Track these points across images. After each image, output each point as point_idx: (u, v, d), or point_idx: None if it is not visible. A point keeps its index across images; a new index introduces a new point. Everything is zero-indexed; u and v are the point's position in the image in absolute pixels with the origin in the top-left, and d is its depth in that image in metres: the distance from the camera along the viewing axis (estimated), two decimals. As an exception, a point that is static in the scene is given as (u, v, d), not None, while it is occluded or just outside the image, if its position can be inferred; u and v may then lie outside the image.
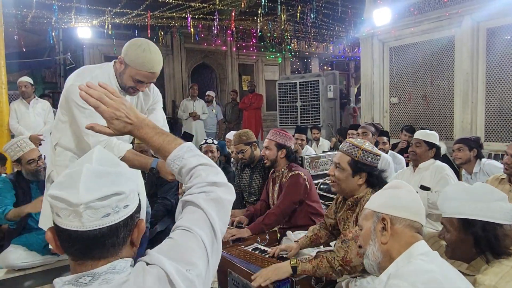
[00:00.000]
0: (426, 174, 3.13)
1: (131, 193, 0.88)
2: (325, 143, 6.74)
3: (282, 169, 2.95)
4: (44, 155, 3.52)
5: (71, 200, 0.80)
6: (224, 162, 4.18)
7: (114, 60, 2.07)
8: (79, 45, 9.51)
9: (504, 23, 5.27)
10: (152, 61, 1.93)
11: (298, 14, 7.26)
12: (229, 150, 4.65)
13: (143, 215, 1.00)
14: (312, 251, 2.43)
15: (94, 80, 1.77)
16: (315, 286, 2.00)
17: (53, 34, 8.21)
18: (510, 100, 5.34)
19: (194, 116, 7.56)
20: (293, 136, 4.85)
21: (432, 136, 3.22)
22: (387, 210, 1.31)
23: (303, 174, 2.83)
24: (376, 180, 2.02)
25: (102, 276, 0.84)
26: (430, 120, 6.24)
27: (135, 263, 0.91)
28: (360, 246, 1.46)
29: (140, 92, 2.12)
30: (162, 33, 8.90)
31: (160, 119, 2.27)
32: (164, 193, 3.52)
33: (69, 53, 9.16)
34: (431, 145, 3.17)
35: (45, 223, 2.19)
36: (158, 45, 2.54)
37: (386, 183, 2.08)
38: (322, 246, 2.49)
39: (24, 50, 8.65)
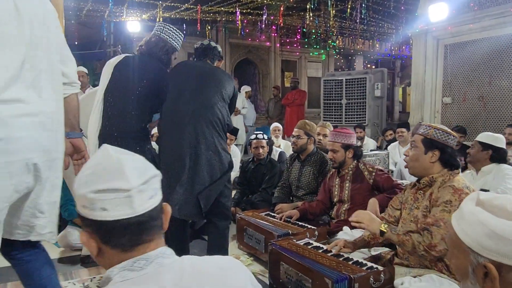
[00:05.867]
0: (489, 177, 2.95)
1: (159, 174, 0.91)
2: (370, 142, 6.55)
3: (351, 166, 2.93)
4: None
5: (124, 187, 0.82)
6: (270, 157, 4.15)
7: None
8: (129, 39, 9.82)
9: None
10: None
11: (348, 10, 7.09)
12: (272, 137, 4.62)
13: None
14: (368, 251, 2.35)
15: None
16: (373, 285, 1.93)
17: (105, 27, 8.54)
18: None
19: (235, 111, 7.59)
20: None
21: (490, 137, 3.00)
22: (492, 256, 0.91)
23: None
24: (450, 158, 2.01)
25: (155, 260, 0.86)
26: (486, 122, 5.90)
27: None
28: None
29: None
30: (209, 27, 9.01)
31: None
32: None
33: (119, 46, 9.49)
34: (486, 146, 2.96)
35: None
36: (204, 40, 2.63)
37: (458, 163, 2.03)
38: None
39: (76, 43, 9.05)
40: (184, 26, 8.71)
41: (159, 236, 0.89)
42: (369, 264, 2.08)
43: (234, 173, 4.99)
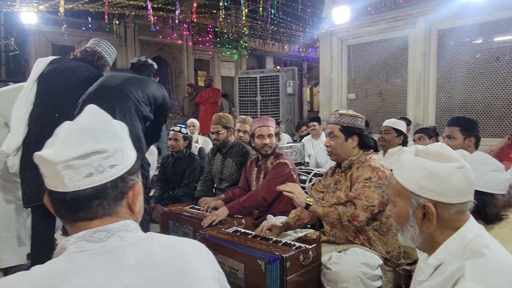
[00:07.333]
0: (394, 159, 3.30)
1: (117, 152, 0.81)
2: (285, 137, 6.81)
3: (271, 158, 2.92)
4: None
5: (49, 159, 0.75)
6: (189, 151, 4.06)
7: None
8: (23, 31, 8.84)
9: (454, 25, 5.66)
10: None
11: (260, 8, 7.28)
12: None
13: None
14: (294, 233, 2.44)
15: None
16: (303, 263, 2.00)
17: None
18: (458, 98, 5.74)
19: None
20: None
21: (400, 124, 3.39)
22: (430, 195, 1.04)
23: (289, 164, 2.83)
24: (366, 140, 2.21)
25: (117, 233, 0.80)
26: (385, 115, 6.51)
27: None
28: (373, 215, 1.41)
29: None
30: (117, 22, 8.52)
31: None
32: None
33: (12, 39, 8.47)
34: (399, 132, 3.33)
35: None
36: (111, 36, 2.75)
37: (372, 143, 2.23)
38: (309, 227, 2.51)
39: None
40: (89, 19, 8.13)
41: (108, 214, 0.81)
42: (298, 244, 2.15)
43: (152, 172, 4.80)
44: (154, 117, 2.62)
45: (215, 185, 3.51)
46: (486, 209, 1.41)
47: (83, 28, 8.77)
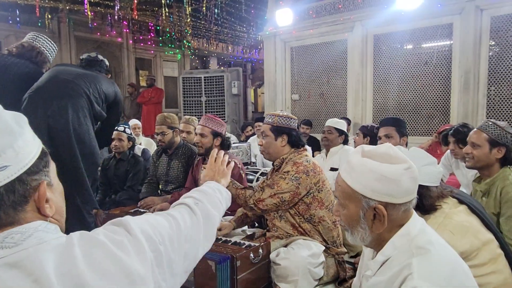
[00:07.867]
0: (336, 157, 3.43)
1: (7, 151, 0.70)
2: (231, 138, 6.83)
3: None
4: None
5: None
6: (132, 153, 3.92)
7: None
8: None
9: (388, 31, 6.02)
10: None
11: (204, 7, 7.21)
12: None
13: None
14: (243, 232, 2.46)
15: None
16: (253, 261, 2.02)
17: None
18: (392, 99, 6.11)
19: None
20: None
21: (341, 123, 3.53)
22: (381, 198, 1.06)
23: (238, 163, 2.83)
24: (296, 139, 2.29)
25: (34, 234, 0.70)
26: (327, 115, 6.76)
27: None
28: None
29: None
30: (49, 16, 7.97)
31: None
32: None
33: None
34: (341, 132, 3.47)
35: None
36: (43, 31, 2.58)
37: (304, 143, 2.31)
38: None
39: None
40: (18, 12, 7.53)
41: (5, 224, 0.70)
42: (247, 243, 2.17)
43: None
44: (106, 115, 2.53)
45: (160, 187, 3.42)
46: (423, 200, 1.52)
47: (10, 22, 8.10)
